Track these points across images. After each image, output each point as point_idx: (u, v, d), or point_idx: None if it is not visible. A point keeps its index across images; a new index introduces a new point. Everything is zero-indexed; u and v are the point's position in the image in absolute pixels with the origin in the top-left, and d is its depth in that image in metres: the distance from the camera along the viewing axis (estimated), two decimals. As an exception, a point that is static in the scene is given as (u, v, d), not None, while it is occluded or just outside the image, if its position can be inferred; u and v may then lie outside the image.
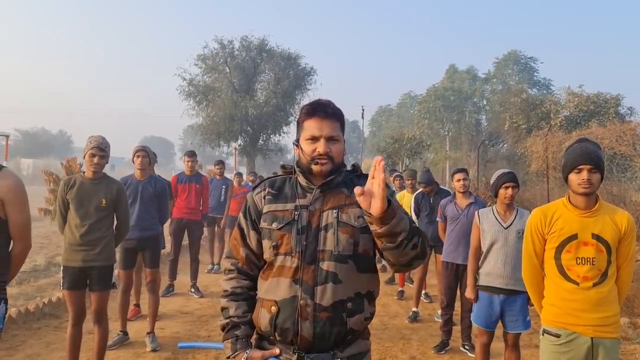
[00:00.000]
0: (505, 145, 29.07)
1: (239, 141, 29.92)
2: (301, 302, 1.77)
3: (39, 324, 5.41)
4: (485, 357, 4.03)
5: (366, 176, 1.99)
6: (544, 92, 39.15)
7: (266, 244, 1.89)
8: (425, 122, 38.73)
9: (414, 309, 6.31)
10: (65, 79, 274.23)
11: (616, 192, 10.27)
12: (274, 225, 1.86)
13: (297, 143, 1.94)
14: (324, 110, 1.89)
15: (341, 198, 1.87)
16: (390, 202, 1.57)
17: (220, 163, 9.07)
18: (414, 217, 6.61)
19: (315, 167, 1.86)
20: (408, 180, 7.52)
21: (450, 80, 44.55)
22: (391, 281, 8.40)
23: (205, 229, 8.40)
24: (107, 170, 4.10)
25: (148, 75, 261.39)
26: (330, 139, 1.87)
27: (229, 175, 20.81)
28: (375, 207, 1.54)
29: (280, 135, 31.19)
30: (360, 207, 1.68)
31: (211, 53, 29.55)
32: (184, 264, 7.63)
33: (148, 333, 5.00)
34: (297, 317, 1.76)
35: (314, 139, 1.86)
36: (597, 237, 2.56)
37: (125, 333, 5.03)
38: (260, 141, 30.47)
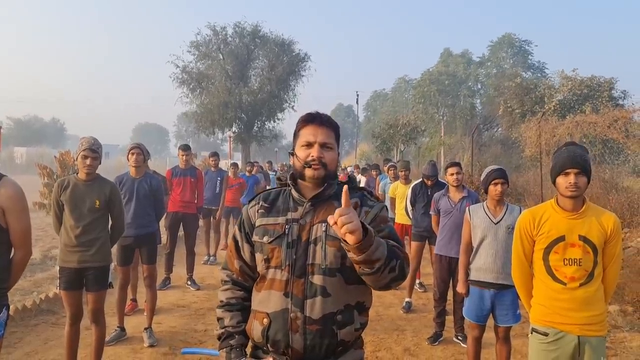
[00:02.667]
0: (499, 130, 29.13)
1: (234, 128, 29.87)
2: (292, 314, 1.81)
3: (36, 320, 5.46)
4: (477, 350, 4.11)
5: (359, 190, 2.03)
6: (539, 75, 39.09)
7: (258, 257, 1.93)
8: (420, 106, 38.65)
9: (407, 299, 6.39)
10: (58, 67, 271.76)
11: (608, 178, 10.36)
12: (265, 239, 1.90)
13: (292, 152, 1.98)
14: (319, 118, 1.95)
15: (331, 211, 1.88)
16: (367, 231, 1.57)
17: (215, 155, 9.07)
18: (409, 207, 6.65)
19: (308, 172, 1.89)
20: (402, 171, 7.54)
21: (444, 64, 44.38)
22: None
23: (201, 221, 8.44)
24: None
25: (142, 62, 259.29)
26: (324, 146, 1.91)
27: (224, 163, 20.77)
28: (351, 238, 1.54)
29: (274, 121, 31.17)
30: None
31: (204, 40, 29.43)
32: (180, 256, 7.67)
33: (145, 328, 5.06)
34: (288, 330, 1.80)
35: (309, 145, 1.91)
36: (584, 239, 2.63)
37: (122, 329, 5.08)
38: (254, 128, 30.45)
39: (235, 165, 10.54)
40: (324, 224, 1.86)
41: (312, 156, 1.88)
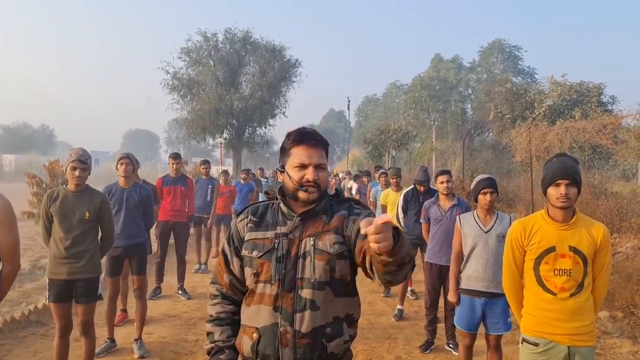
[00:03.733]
0: (490, 135, 29.29)
1: (225, 134, 29.83)
2: (281, 329, 1.82)
3: (25, 332, 5.40)
4: (469, 358, 4.12)
5: (346, 201, 2.04)
6: (529, 80, 39.37)
7: (247, 271, 1.93)
8: (411, 112, 38.82)
9: (399, 306, 6.39)
10: (48, 73, 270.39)
11: (597, 184, 10.43)
12: (254, 254, 1.90)
13: (282, 169, 1.97)
14: (312, 138, 1.94)
15: (319, 225, 1.91)
16: (398, 235, 1.52)
17: (206, 162, 9.05)
18: (400, 215, 6.65)
19: (302, 194, 1.89)
20: (393, 178, 7.55)
21: (435, 70, 44.61)
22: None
23: (191, 229, 8.41)
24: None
25: (132, 68, 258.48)
26: (318, 167, 1.91)
27: (214, 170, 20.69)
28: (383, 250, 1.46)
29: (266, 127, 31.16)
30: (336, 234, 1.80)
31: (195, 46, 29.40)
32: (171, 264, 7.63)
33: (136, 339, 5.02)
34: (278, 344, 1.81)
35: (303, 167, 1.90)
36: (574, 250, 2.64)
37: (112, 340, 5.04)
38: (246, 134, 30.40)
39: (225, 172, 10.51)
40: (311, 238, 1.87)
41: (308, 179, 1.88)
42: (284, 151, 1.98)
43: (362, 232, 1.42)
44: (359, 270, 1.90)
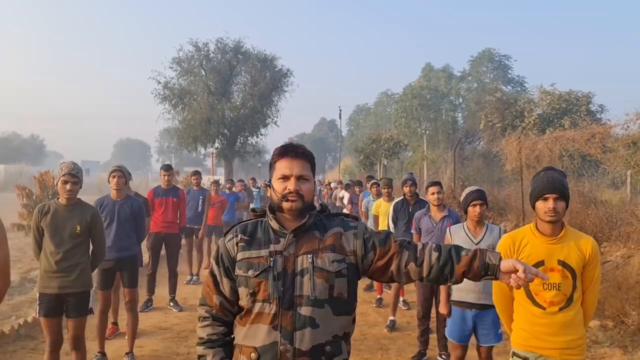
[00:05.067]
0: (481, 143, 29.44)
1: (216, 144, 29.74)
2: (281, 347, 1.81)
3: (14, 346, 5.34)
4: (461, 370, 4.12)
5: (335, 215, 2.06)
6: (518, 89, 39.70)
7: (242, 291, 1.91)
8: (402, 121, 38.93)
9: (391, 317, 6.40)
10: (39, 83, 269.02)
11: (586, 193, 10.51)
12: (250, 273, 1.89)
13: (269, 184, 2.00)
14: (294, 150, 1.97)
15: (314, 242, 1.92)
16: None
17: (197, 173, 9.04)
18: (391, 226, 6.67)
19: (285, 205, 1.91)
20: (385, 189, 7.58)
21: (426, 79, 44.86)
22: (369, 288, 8.48)
23: (183, 240, 8.37)
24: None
25: (123, 77, 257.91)
26: (300, 178, 1.93)
27: (206, 179, 20.55)
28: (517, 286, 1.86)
29: (257, 137, 31.12)
30: (333, 252, 1.86)
31: (186, 56, 29.29)
32: (163, 276, 7.59)
33: (127, 353, 5.00)
34: None
35: (285, 178, 1.93)
36: (563, 263, 2.67)
37: (103, 354, 5.00)
38: (237, 143, 30.32)
39: (216, 182, 10.50)
40: (309, 255, 1.88)
41: (289, 189, 1.91)
42: (271, 166, 2.02)
43: (516, 268, 1.79)
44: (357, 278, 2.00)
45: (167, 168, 7.25)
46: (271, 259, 1.88)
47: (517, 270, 1.77)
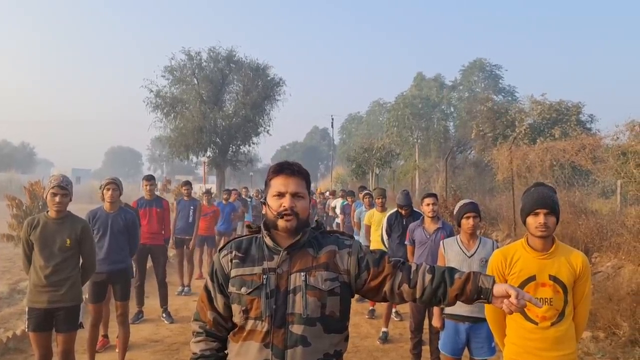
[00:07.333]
0: (472, 152, 29.58)
1: (208, 153, 29.73)
2: None
3: (2, 359, 5.28)
4: (453, 383, 4.11)
5: (331, 233, 2.06)
6: (509, 98, 39.97)
7: (235, 308, 1.91)
8: (394, 129, 39.07)
9: (384, 329, 6.39)
10: (30, 90, 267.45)
11: (577, 203, 10.56)
12: (243, 290, 1.89)
13: (264, 201, 2.00)
14: (290, 168, 1.98)
15: (308, 260, 1.92)
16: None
17: (188, 184, 9.03)
18: (385, 238, 6.68)
19: (280, 222, 1.91)
20: (378, 199, 7.59)
21: (418, 88, 45.10)
22: (362, 299, 8.45)
23: (174, 251, 8.32)
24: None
25: (115, 85, 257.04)
26: (295, 195, 1.94)
27: (198, 188, 20.45)
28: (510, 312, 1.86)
29: (249, 145, 31.15)
30: (326, 270, 1.85)
31: (178, 64, 29.35)
32: (153, 287, 7.54)
33: (117, 367, 4.94)
34: None
35: (280, 195, 1.94)
36: (554, 278, 2.68)
37: (93, 368, 4.95)
38: (229, 152, 30.33)
39: (208, 192, 10.47)
40: (302, 273, 1.88)
41: (284, 206, 1.91)
42: (266, 184, 2.03)
43: (509, 293, 1.78)
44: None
45: (149, 178, 7.20)
46: (264, 276, 1.88)
47: (510, 296, 1.76)
